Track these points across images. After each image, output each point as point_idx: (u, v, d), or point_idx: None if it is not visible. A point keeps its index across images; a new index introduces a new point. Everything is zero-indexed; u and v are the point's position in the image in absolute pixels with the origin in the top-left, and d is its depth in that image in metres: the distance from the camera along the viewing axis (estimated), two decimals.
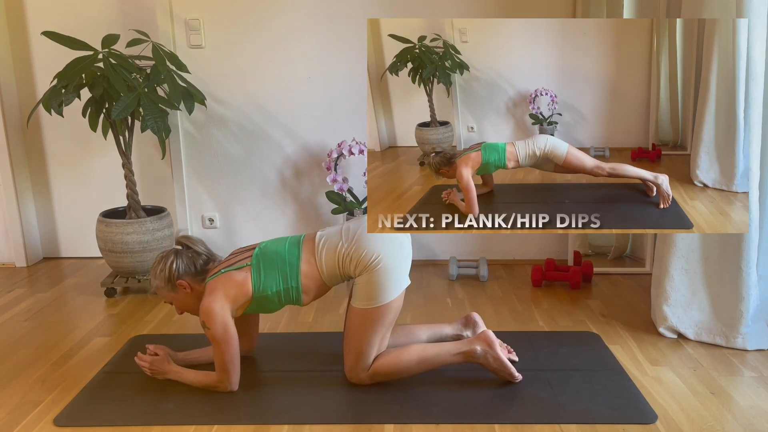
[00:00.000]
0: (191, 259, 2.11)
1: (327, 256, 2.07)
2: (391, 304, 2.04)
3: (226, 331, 2.01)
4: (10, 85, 3.41)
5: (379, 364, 2.11)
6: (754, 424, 1.91)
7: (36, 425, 1.97)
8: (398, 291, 2.05)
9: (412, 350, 2.12)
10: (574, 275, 3.03)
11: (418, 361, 2.11)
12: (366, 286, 2.03)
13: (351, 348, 2.10)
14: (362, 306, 2.05)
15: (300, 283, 2.07)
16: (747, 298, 2.34)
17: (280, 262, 2.07)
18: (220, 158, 3.44)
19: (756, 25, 2.22)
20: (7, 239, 3.56)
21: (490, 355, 2.11)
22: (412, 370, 2.12)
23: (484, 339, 2.13)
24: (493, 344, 2.11)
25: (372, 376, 2.12)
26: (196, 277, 2.11)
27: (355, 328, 2.08)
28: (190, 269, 2.10)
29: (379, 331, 2.07)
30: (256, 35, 3.29)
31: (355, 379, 2.14)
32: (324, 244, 2.09)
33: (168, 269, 2.08)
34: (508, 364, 2.12)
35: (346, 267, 2.06)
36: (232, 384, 2.09)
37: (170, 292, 2.11)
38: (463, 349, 2.12)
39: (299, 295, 2.08)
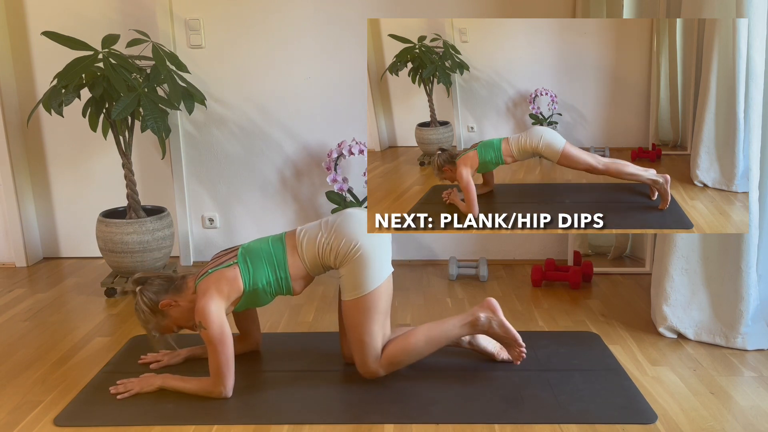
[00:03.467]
0: (158, 285, 2.08)
1: (308, 248, 2.09)
2: (378, 290, 2.05)
3: (222, 331, 2.00)
4: (10, 85, 3.41)
5: (388, 352, 2.11)
6: (754, 424, 1.91)
7: (36, 425, 1.97)
8: (382, 277, 2.06)
9: (419, 332, 2.13)
10: (574, 275, 3.03)
11: (427, 341, 2.11)
12: (350, 276, 2.05)
13: (354, 342, 2.11)
14: (351, 297, 2.07)
15: (288, 273, 2.09)
16: (747, 298, 2.34)
17: (267, 255, 2.09)
18: (220, 158, 3.44)
19: (756, 25, 2.22)
20: (7, 239, 3.56)
21: (495, 321, 2.12)
22: (422, 351, 2.12)
23: (487, 306, 2.14)
24: (496, 310, 2.12)
25: (385, 365, 2.12)
26: (175, 294, 2.09)
27: (352, 320, 2.09)
28: (162, 290, 2.08)
29: (376, 319, 2.08)
30: (256, 35, 3.30)
31: (369, 374, 2.13)
32: (304, 236, 2.11)
33: (145, 305, 2.04)
34: (512, 329, 2.12)
35: (326, 258, 2.08)
36: (227, 389, 2.06)
37: (164, 320, 2.08)
38: (468, 319, 2.13)
39: (289, 284, 2.10)
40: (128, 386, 2.12)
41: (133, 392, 2.11)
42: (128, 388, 2.12)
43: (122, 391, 2.11)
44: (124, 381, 2.15)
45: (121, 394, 2.10)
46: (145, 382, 2.13)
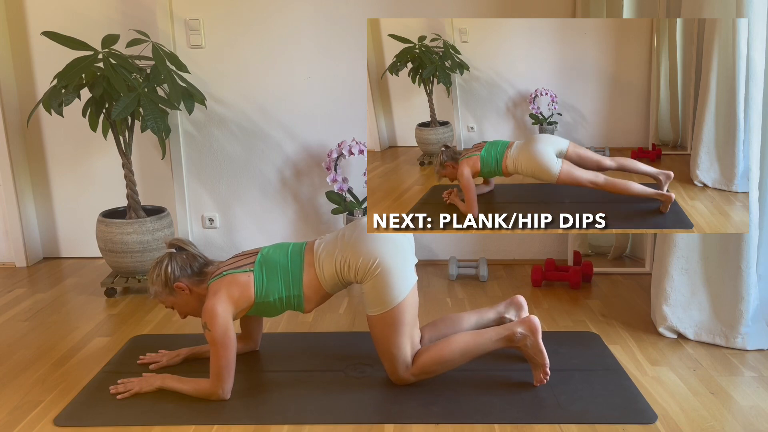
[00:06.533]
0: (186, 261, 2.10)
1: (326, 266, 2.07)
2: (403, 303, 2.02)
3: (226, 334, 2.00)
4: (10, 85, 3.41)
5: (422, 361, 2.09)
6: (754, 424, 1.91)
7: (36, 425, 1.97)
8: (406, 290, 2.03)
9: (454, 344, 2.09)
10: (574, 275, 3.03)
11: (462, 354, 2.09)
12: (373, 292, 2.02)
13: (383, 354, 2.10)
14: (376, 312, 2.04)
15: (302, 292, 2.07)
16: (747, 298, 2.34)
17: (283, 271, 2.07)
18: (220, 158, 3.44)
19: (756, 25, 2.22)
20: (7, 239, 3.56)
21: (530, 341, 2.07)
22: (456, 362, 2.10)
23: (528, 323, 2.09)
24: (536, 331, 2.07)
25: (416, 374, 2.10)
26: (193, 279, 2.10)
27: (378, 335, 2.07)
28: (186, 271, 2.09)
29: (403, 331, 2.05)
30: (256, 35, 3.29)
31: (399, 381, 2.12)
32: (323, 251, 2.09)
33: (164, 273, 2.07)
34: (545, 353, 2.08)
35: (345, 275, 2.06)
36: (225, 391, 2.05)
37: (169, 296, 2.10)
38: (504, 333, 2.09)
39: (301, 302, 2.09)
40: (128, 386, 2.12)
41: (133, 392, 2.11)
42: (128, 387, 2.12)
43: (122, 390, 2.11)
44: (125, 381, 2.15)
45: (121, 394, 2.10)
46: (145, 381, 2.13)
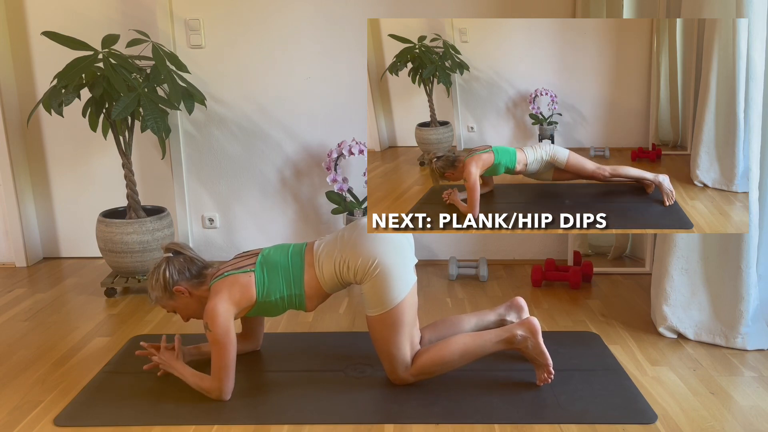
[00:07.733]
0: (184, 265, 2.10)
1: (326, 266, 2.07)
2: (402, 304, 2.03)
3: (226, 335, 2.00)
4: (10, 85, 3.41)
5: (422, 362, 2.09)
6: (754, 424, 1.91)
7: (36, 425, 1.97)
8: (405, 290, 2.03)
9: (454, 345, 2.09)
10: (574, 275, 3.03)
11: (461, 355, 2.09)
12: (372, 293, 2.03)
13: (382, 355, 2.10)
14: (375, 313, 2.05)
15: (303, 291, 2.08)
16: (747, 298, 2.34)
17: (284, 271, 2.08)
18: (220, 158, 3.44)
19: (756, 25, 2.22)
20: (7, 239, 3.56)
21: (531, 342, 2.07)
22: (455, 363, 2.10)
23: (528, 325, 2.09)
24: (536, 332, 2.08)
25: (415, 374, 2.10)
26: (192, 282, 2.10)
27: (378, 335, 2.07)
28: (184, 275, 2.09)
29: (403, 332, 2.06)
30: (256, 35, 3.29)
31: (398, 381, 2.12)
32: (322, 252, 2.09)
33: (163, 277, 2.07)
34: (546, 354, 2.08)
35: (345, 275, 2.06)
36: (224, 392, 2.05)
37: (170, 300, 2.11)
38: (504, 336, 2.09)
39: (302, 301, 2.10)
40: (153, 357, 2.19)
41: (154, 365, 2.20)
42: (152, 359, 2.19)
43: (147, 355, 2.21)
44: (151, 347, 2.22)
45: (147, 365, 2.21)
46: (167, 358, 2.17)
